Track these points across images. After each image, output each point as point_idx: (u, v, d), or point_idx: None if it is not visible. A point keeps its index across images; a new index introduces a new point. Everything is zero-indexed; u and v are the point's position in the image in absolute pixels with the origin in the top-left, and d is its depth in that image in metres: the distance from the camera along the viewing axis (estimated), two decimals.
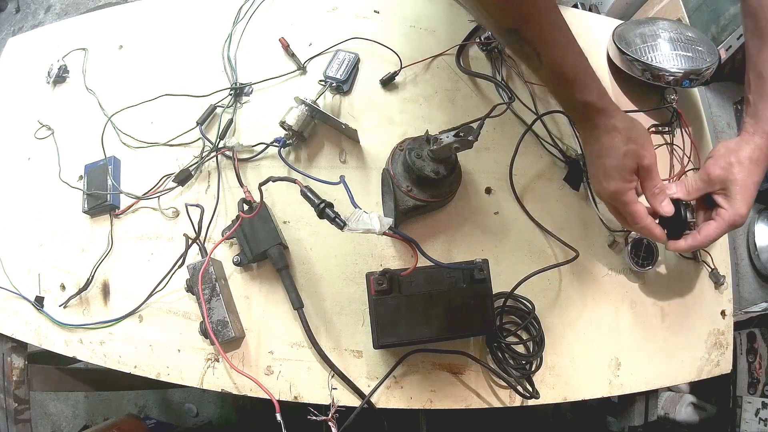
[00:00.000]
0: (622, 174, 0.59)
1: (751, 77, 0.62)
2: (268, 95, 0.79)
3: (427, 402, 0.66)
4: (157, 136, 0.80)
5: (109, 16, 0.93)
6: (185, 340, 0.70)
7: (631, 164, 0.58)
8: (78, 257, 0.78)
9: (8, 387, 0.80)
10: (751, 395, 0.75)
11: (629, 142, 0.58)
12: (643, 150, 0.58)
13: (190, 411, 1.61)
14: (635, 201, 0.60)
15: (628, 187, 0.60)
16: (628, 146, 0.57)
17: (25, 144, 0.87)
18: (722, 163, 0.61)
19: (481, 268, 0.61)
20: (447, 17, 0.83)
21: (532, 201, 0.73)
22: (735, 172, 0.60)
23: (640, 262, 0.70)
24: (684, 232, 0.63)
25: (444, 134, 0.59)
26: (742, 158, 0.60)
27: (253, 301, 0.70)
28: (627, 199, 0.60)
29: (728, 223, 0.60)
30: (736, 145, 0.61)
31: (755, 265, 0.82)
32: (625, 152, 0.58)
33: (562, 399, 0.67)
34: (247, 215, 0.66)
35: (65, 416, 1.65)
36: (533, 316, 0.67)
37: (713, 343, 0.73)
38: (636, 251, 0.71)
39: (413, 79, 0.79)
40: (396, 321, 0.60)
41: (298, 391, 0.66)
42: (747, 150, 0.60)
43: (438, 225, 0.71)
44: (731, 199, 0.60)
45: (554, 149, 0.75)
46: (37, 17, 2.29)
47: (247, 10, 0.85)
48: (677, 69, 0.73)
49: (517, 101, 0.76)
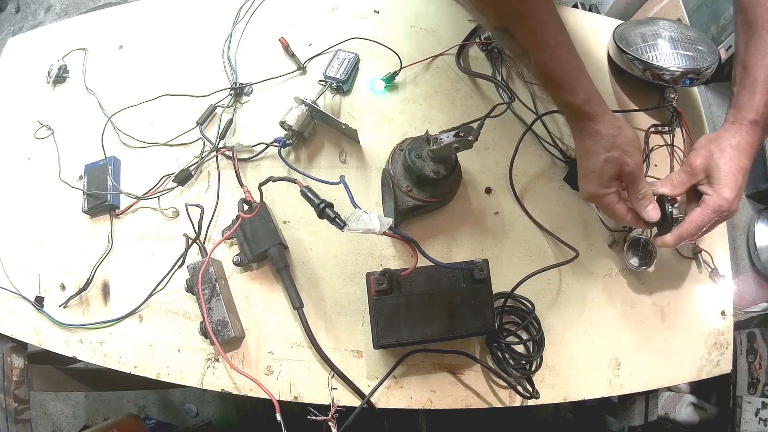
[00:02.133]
0: (600, 179, 0.60)
1: (737, 71, 0.62)
2: (268, 95, 0.79)
3: (427, 402, 0.66)
4: (157, 136, 0.80)
5: (109, 16, 0.93)
6: (185, 340, 0.70)
7: (611, 171, 0.59)
8: (78, 257, 0.78)
9: (8, 387, 0.80)
10: (751, 395, 0.75)
11: (612, 149, 0.58)
12: (625, 157, 0.58)
13: (190, 411, 1.61)
14: (615, 202, 0.62)
15: (605, 192, 0.61)
16: (610, 153, 0.58)
17: (25, 144, 0.87)
18: (704, 152, 0.61)
19: (481, 268, 0.61)
20: (447, 17, 0.83)
21: (532, 201, 0.73)
22: (716, 158, 0.60)
23: (638, 262, 0.70)
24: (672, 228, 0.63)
25: (444, 134, 0.59)
26: (724, 146, 0.60)
27: (253, 301, 0.70)
28: (605, 202, 0.62)
29: (713, 209, 0.59)
30: (717, 135, 0.61)
31: (755, 265, 0.82)
32: (606, 159, 0.58)
33: (562, 399, 0.67)
34: (247, 215, 0.66)
35: (65, 416, 1.65)
36: (533, 316, 0.67)
37: (713, 343, 0.73)
38: (634, 251, 0.71)
39: (413, 79, 0.79)
40: (396, 321, 0.60)
41: (298, 391, 0.66)
42: (727, 137, 0.60)
43: (438, 225, 0.71)
44: (714, 185, 0.60)
45: (554, 149, 0.75)
46: (37, 17, 2.29)
47: (247, 10, 0.85)
48: (677, 68, 0.73)
49: (517, 101, 0.76)
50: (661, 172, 0.78)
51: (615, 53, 0.79)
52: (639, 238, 0.70)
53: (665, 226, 0.63)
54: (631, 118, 0.79)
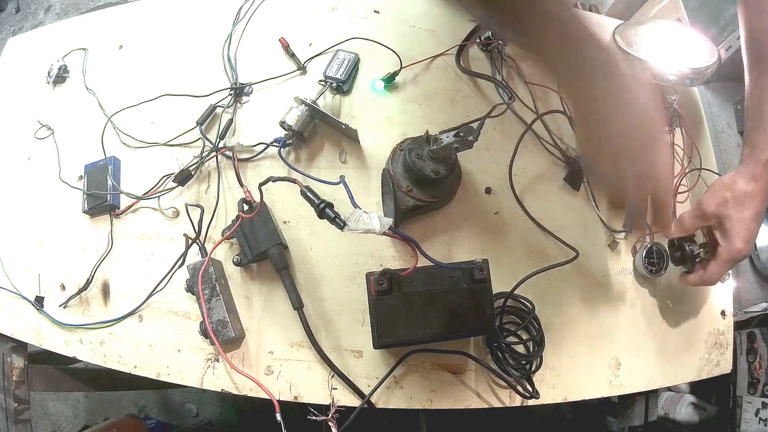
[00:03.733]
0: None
1: (749, 104, 0.61)
2: (268, 95, 0.79)
3: (427, 402, 0.66)
4: (157, 136, 0.80)
5: (109, 16, 0.93)
6: (185, 340, 0.70)
7: None
8: (78, 257, 0.78)
9: (8, 387, 0.80)
10: (751, 395, 0.75)
11: None
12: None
13: (190, 411, 1.61)
14: None
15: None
16: None
17: (25, 144, 0.87)
18: (717, 199, 0.61)
19: (481, 268, 0.61)
20: (447, 17, 0.83)
21: (532, 201, 0.73)
22: (729, 208, 0.59)
23: (654, 269, 0.70)
24: (696, 262, 0.66)
25: (444, 134, 0.59)
26: (737, 192, 0.59)
27: (253, 301, 0.70)
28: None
29: (726, 261, 0.60)
30: (731, 179, 0.61)
31: (755, 265, 0.82)
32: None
33: (562, 399, 0.67)
34: (247, 215, 0.66)
35: (65, 416, 1.65)
36: (533, 316, 0.67)
37: (713, 343, 0.73)
38: (649, 258, 0.70)
39: (413, 79, 0.79)
40: (396, 321, 0.60)
41: (298, 391, 0.66)
42: (741, 183, 0.59)
43: (438, 225, 0.71)
44: (727, 236, 0.60)
45: (554, 149, 0.75)
46: (37, 17, 2.29)
47: (247, 10, 0.85)
48: (677, 68, 0.73)
49: (517, 101, 0.76)
50: None
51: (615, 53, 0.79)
52: (652, 245, 0.70)
53: (686, 263, 0.67)
54: None
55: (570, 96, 0.48)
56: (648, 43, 0.76)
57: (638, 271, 0.72)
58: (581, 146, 0.57)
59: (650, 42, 0.76)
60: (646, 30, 0.77)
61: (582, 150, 0.56)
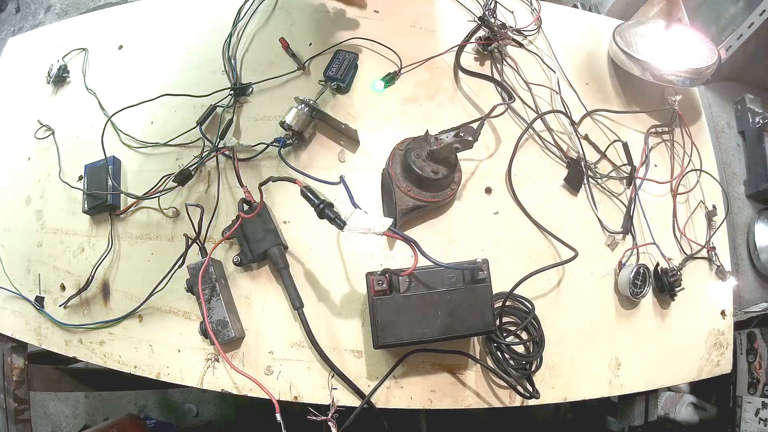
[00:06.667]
0: None
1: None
2: (268, 95, 0.79)
3: (427, 402, 0.66)
4: (157, 136, 0.80)
5: (109, 16, 0.93)
6: (185, 340, 0.70)
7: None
8: (78, 257, 0.78)
9: (8, 387, 0.80)
10: (751, 395, 0.75)
11: None
12: None
13: (190, 411, 1.61)
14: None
15: None
16: None
17: (25, 144, 0.87)
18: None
19: (481, 268, 0.61)
20: (447, 17, 0.83)
21: (532, 201, 0.73)
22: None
23: (638, 292, 0.69)
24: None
25: (444, 134, 0.59)
26: None
27: (253, 301, 0.70)
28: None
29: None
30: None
31: (755, 265, 0.82)
32: None
33: (562, 399, 0.67)
34: (247, 215, 0.66)
35: (65, 416, 1.65)
36: (533, 316, 0.67)
37: (713, 343, 0.73)
38: (635, 279, 0.69)
39: (413, 79, 0.79)
40: (396, 321, 0.60)
41: (298, 391, 0.66)
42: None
43: (438, 225, 0.71)
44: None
45: (554, 149, 0.75)
46: (37, 17, 2.29)
47: (247, 10, 0.85)
48: (677, 68, 0.73)
49: (517, 101, 0.76)
50: (661, 172, 0.78)
51: (615, 53, 0.79)
52: (640, 267, 0.69)
53: (664, 292, 0.69)
54: (632, 118, 0.79)
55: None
56: (648, 43, 0.76)
57: (620, 289, 0.71)
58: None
59: (650, 42, 0.76)
60: (646, 30, 0.77)
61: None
